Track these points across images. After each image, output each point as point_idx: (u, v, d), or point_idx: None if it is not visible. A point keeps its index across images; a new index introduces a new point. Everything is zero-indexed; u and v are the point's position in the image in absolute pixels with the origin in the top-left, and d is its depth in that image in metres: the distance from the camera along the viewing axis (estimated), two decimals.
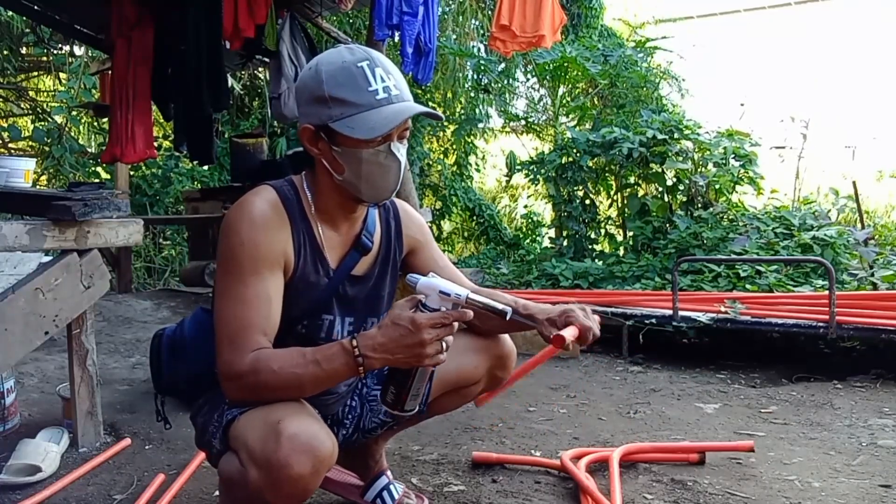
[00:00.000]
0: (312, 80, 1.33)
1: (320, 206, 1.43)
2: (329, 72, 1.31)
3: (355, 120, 1.29)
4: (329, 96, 1.30)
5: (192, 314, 1.55)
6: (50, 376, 3.11)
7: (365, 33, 6.03)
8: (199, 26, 4.00)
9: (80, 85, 6.62)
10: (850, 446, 2.28)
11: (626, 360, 3.73)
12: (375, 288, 1.53)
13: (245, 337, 1.29)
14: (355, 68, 1.31)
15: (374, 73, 1.31)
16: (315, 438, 1.22)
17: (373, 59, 1.33)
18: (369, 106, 1.29)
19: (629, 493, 1.87)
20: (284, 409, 1.28)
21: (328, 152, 1.35)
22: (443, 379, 1.61)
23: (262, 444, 1.22)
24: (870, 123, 8.54)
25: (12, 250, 2.02)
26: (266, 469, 1.21)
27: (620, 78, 7.18)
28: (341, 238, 1.47)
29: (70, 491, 1.90)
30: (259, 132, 6.11)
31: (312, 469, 1.20)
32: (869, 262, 4.24)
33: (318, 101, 1.32)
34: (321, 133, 1.34)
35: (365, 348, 1.24)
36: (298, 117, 1.39)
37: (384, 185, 1.37)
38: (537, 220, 8.29)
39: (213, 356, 1.37)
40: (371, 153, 1.33)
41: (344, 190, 1.39)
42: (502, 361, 1.65)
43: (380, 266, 1.53)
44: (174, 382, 1.51)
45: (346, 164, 1.34)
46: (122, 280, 5.46)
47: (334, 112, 1.30)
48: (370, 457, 1.78)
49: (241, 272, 1.31)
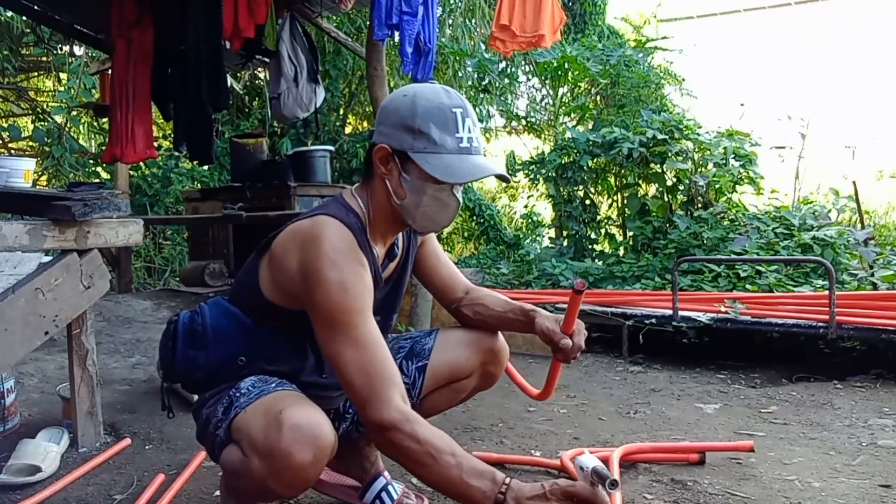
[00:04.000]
0: (406, 108, 1.37)
1: (375, 226, 1.47)
2: (425, 107, 1.36)
3: (435, 158, 1.35)
4: (418, 128, 1.35)
5: (210, 303, 1.55)
6: (50, 376, 3.11)
7: (365, 33, 6.03)
8: (199, 26, 4.00)
9: (80, 85, 6.61)
10: (850, 446, 2.28)
11: (626, 360, 3.73)
12: (397, 286, 1.61)
13: (385, 389, 1.27)
14: (450, 112, 1.36)
15: (464, 122, 1.37)
16: (317, 428, 1.25)
17: (465, 108, 1.39)
18: (451, 150, 1.36)
19: (629, 493, 1.87)
20: (286, 400, 1.32)
21: (396, 177, 1.40)
22: (435, 374, 1.65)
23: (264, 433, 1.27)
24: (870, 123, 8.54)
25: (12, 250, 2.02)
26: (268, 458, 1.25)
27: (621, 78, 7.18)
28: (383, 253, 1.54)
29: (70, 491, 1.90)
30: (259, 132, 6.11)
31: (314, 458, 1.24)
32: (869, 262, 4.24)
33: (405, 129, 1.36)
34: (395, 157, 1.38)
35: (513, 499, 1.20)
36: (375, 134, 1.42)
37: (439, 221, 1.44)
38: (537, 220, 8.29)
39: (235, 347, 1.45)
40: (436, 189, 1.38)
41: (398, 213, 1.44)
42: (494, 355, 1.68)
43: (402, 266, 1.61)
44: (189, 370, 1.49)
45: (409, 193, 1.39)
46: (122, 280, 5.46)
47: (417, 144, 1.35)
48: (364, 459, 1.79)
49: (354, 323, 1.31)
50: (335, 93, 7.77)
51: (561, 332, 1.50)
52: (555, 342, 1.51)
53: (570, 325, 1.50)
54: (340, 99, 8.04)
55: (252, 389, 1.39)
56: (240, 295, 1.53)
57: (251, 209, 5.03)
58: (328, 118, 7.97)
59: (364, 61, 4.29)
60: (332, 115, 8.13)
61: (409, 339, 1.72)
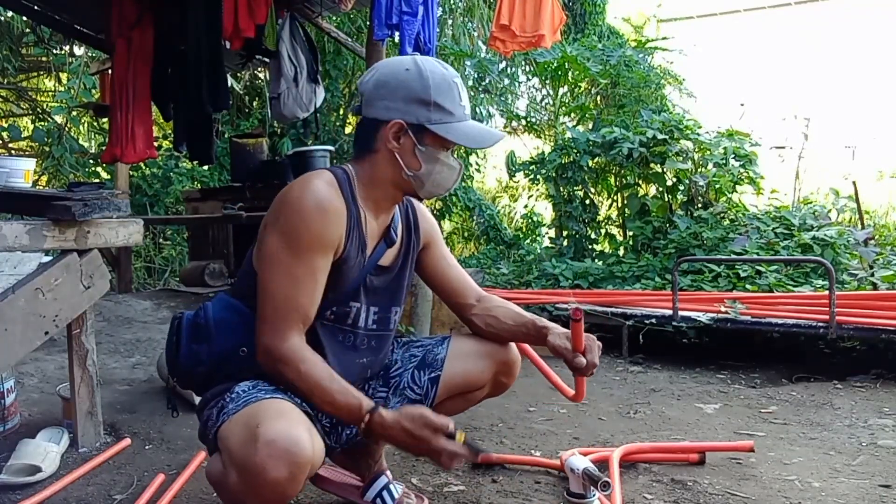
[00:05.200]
0: (416, 82, 1.43)
1: (368, 195, 1.50)
2: (435, 81, 1.44)
3: (453, 128, 1.44)
4: (434, 102, 1.43)
5: (214, 299, 1.56)
6: (50, 376, 3.11)
7: (365, 33, 6.04)
8: (199, 26, 4.00)
9: (80, 85, 6.60)
10: (850, 446, 2.28)
11: (626, 360, 3.73)
12: (398, 278, 1.61)
13: (287, 320, 1.37)
14: (453, 83, 1.46)
15: (462, 90, 1.48)
16: (294, 444, 1.23)
17: (459, 78, 1.50)
18: (460, 118, 1.46)
19: (629, 493, 1.87)
20: (268, 412, 1.30)
21: (410, 149, 1.45)
22: (449, 383, 1.65)
23: (241, 447, 1.26)
24: (870, 123, 8.54)
25: (12, 250, 2.02)
26: (244, 473, 1.24)
27: (621, 78, 7.18)
28: (377, 228, 1.54)
29: (70, 491, 1.90)
30: (259, 132, 6.11)
31: (289, 474, 1.22)
32: (869, 262, 4.24)
33: (420, 103, 1.43)
34: (410, 131, 1.43)
35: (376, 425, 1.33)
36: (381, 110, 1.45)
37: (446, 185, 1.52)
38: (537, 220, 8.29)
39: (237, 338, 1.46)
40: (446, 155, 1.48)
41: (406, 184, 1.49)
42: (508, 367, 1.68)
43: (402, 257, 1.61)
44: (192, 365, 1.49)
45: (424, 162, 1.46)
46: (122, 280, 5.46)
47: (434, 116, 1.43)
48: (370, 457, 1.79)
49: (298, 251, 1.38)
50: (335, 93, 7.77)
51: (573, 351, 1.51)
52: (568, 360, 1.52)
53: (579, 344, 1.51)
54: (340, 99, 8.04)
55: (241, 395, 1.38)
56: (240, 284, 1.54)
57: (251, 209, 5.03)
58: (328, 118, 7.96)
59: (364, 61, 4.29)
60: (332, 115, 8.12)
61: (421, 348, 1.70)
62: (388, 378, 1.67)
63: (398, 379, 1.66)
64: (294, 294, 1.38)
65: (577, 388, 1.66)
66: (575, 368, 1.52)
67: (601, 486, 1.68)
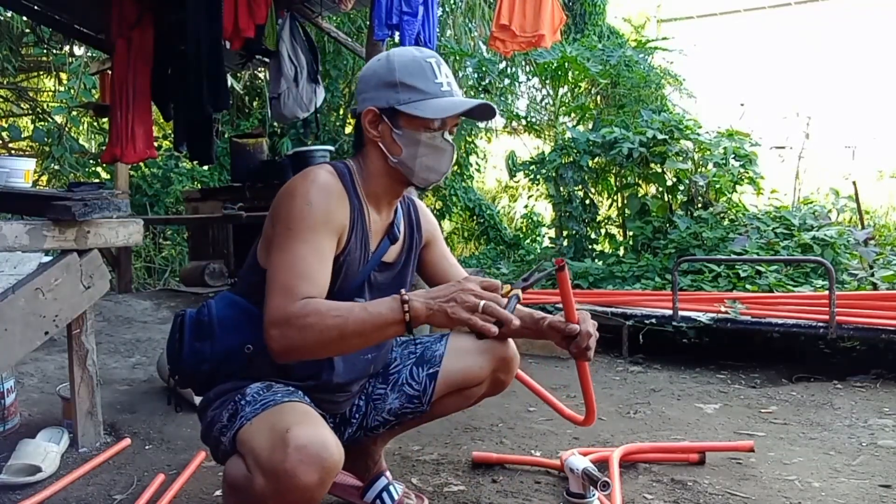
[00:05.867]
0: (383, 68, 1.44)
1: (368, 190, 1.50)
2: (401, 62, 1.43)
3: (422, 104, 1.41)
4: (399, 82, 1.41)
5: (216, 297, 1.56)
6: (50, 376, 3.11)
7: (365, 33, 6.04)
8: (199, 26, 4.00)
9: (80, 85, 6.61)
10: (850, 446, 2.28)
11: (626, 360, 3.73)
12: (400, 276, 1.61)
13: (298, 284, 1.31)
14: (424, 62, 1.44)
15: (440, 69, 1.45)
16: (324, 449, 1.22)
17: (438, 59, 1.47)
18: (434, 95, 1.42)
19: (629, 493, 1.87)
20: (293, 416, 1.29)
21: (388, 135, 1.44)
22: (448, 379, 1.65)
23: (269, 452, 1.23)
24: (870, 123, 8.54)
25: (12, 250, 2.02)
26: (273, 478, 1.21)
27: (621, 78, 7.18)
28: (380, 224, 1.54)
29: (70, 491, 1.90)
30: (259, 132, 6.11)
31: (319, 480, 1.21)
32: (869, 262, 4.24)
33: (387, 86, 1.42)
34: (384, 116, 1.43)
35: (414, 296, 1.28)
36: (359, 103, 1.47)
37: (437, 168, 1.47)
38: (537, 220, 8.29)
39: (241, 335, 1.44)
40: (429, 136, 1.43)
41: (396, 173, 1.47)
42: (506, 364, 1.68)
43: (405, 255, 1.62)
44: (196, 363, 1.48)
45: (404, 146, 1.43)
46: (122, 280, 5.46)
47: (402, 96, 1.41)
48: (369, 457, 1.79)
49: (302, 231, 1.35)
50: (335, 93, 7.77)
51: (566, 322, 1.48)
52: (563, 330, 1.47)
53: (571, 311, 1.47)
54: (340, 99, 8.04)
55: (258, 398, 1.37)
56: (243, 281, 1.54)
57: (251, 209, 5.03)
58: (328, 118, 7.97)
59: (364, 61, 4.29)
60: (332, 115, 8.13)
61: (420, 345, 1.71)
62: (388, 375, 1.68)
63: (397, 375, 1.67)
64: (301, 267, 1.32)
65: (587, 406, 1.62)
66: (572, 342, 1.46)
67: (601, 486, 1.68)
